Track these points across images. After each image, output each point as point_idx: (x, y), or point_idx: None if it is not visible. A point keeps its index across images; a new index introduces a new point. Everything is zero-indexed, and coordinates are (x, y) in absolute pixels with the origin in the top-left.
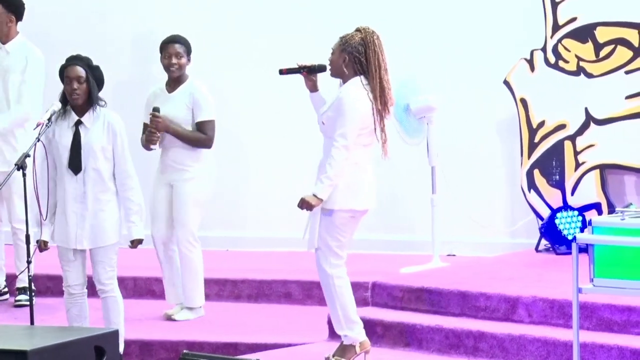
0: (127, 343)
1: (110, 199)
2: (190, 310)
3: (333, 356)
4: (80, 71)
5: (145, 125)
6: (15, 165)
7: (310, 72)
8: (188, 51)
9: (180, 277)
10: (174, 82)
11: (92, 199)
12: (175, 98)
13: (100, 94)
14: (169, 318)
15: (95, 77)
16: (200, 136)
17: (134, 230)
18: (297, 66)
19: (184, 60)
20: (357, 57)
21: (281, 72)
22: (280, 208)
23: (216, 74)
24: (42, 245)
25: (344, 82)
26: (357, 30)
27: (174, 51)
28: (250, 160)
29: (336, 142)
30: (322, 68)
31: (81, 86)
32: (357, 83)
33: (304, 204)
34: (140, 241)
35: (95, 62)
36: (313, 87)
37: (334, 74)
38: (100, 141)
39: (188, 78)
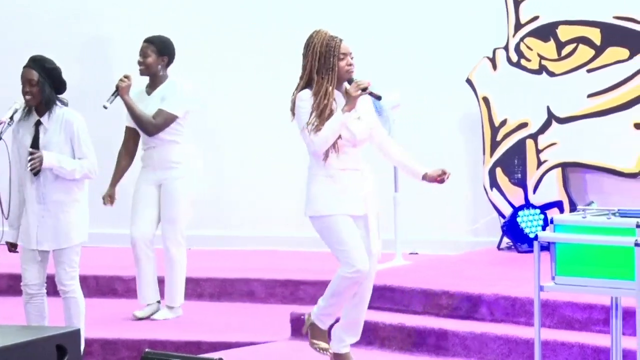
0: (90, 342)
1: (76, 199)
2: (170, 310)
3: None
4: (32, 74)
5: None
6: None
7: (371, 95)
8: (159, 51)
9: (154, 276)
10: (153, 82)
11: (54, 200)
12: (152, 99)
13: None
14: (139, 319)
15: (52, 78)
16: (149, 119)
17: (46, 154)
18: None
19: (149, 60)
20: None
21: (367, 90)
22: (253, 207)
23: (205, 74)
24: (10, 247)
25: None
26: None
27: (141, 50)
28: (235, 161)
29: None
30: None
31: (32, 89)
32: None
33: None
34: (33, 154)
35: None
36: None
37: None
38: (57, 142)
39: (167, 78)
